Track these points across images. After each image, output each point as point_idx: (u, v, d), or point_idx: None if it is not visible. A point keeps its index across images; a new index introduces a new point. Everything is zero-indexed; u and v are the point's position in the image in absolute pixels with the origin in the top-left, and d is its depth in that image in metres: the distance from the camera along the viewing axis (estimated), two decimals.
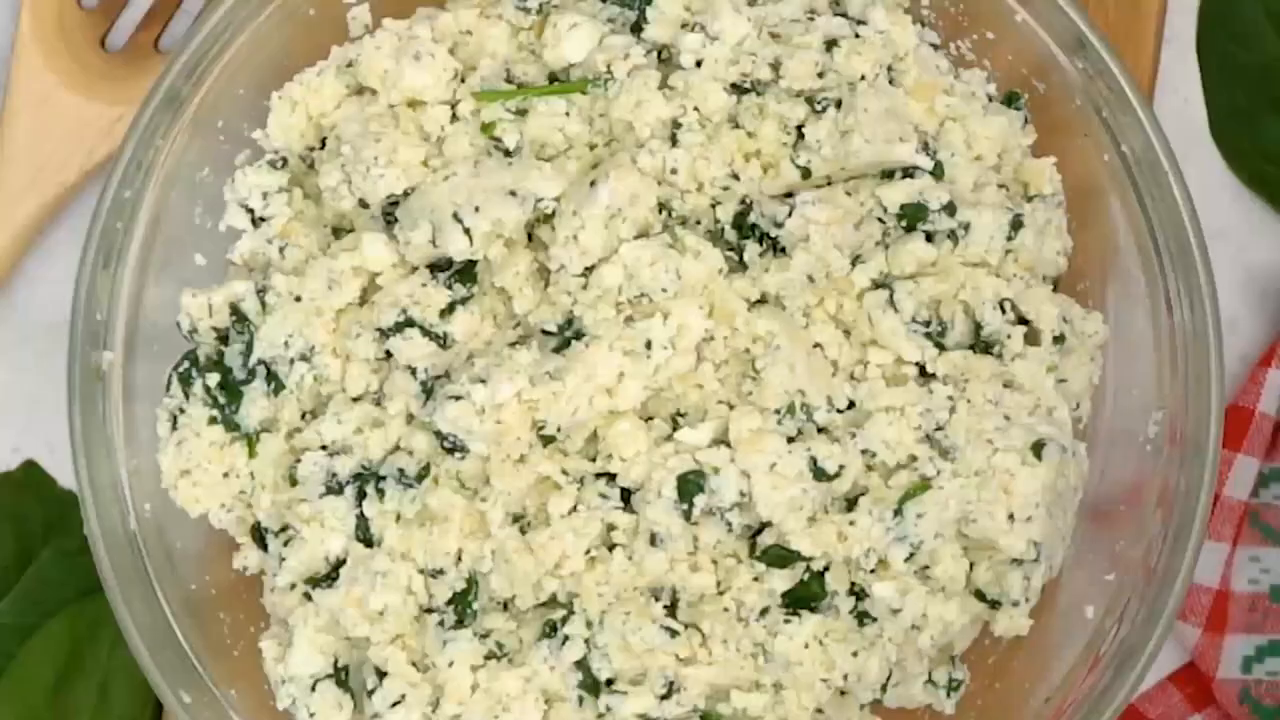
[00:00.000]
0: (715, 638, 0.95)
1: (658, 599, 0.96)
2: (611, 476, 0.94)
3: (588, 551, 0.95)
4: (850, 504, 0.96)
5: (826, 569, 0.96)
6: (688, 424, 0.94)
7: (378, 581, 0.95)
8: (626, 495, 0.94)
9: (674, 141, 0.95)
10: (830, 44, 0.96)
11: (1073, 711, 0.94)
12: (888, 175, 0.95)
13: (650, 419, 0.95)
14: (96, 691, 1.05)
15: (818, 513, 0.95)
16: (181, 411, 0.97)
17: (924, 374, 0.95)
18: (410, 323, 0.95)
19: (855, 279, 0.95)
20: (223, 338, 0.98)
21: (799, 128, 0.96)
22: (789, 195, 0.96)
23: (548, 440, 0.94)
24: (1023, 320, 0.96)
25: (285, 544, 0.97)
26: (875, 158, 0.94)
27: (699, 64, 0.95)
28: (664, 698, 0.95)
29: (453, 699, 0.95)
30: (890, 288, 0.95)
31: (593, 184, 0.94)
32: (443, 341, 0.95)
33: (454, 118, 0.97)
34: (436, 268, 0.96)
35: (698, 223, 0.96)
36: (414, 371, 0.95)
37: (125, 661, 1.03)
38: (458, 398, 0.93)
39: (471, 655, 0.95)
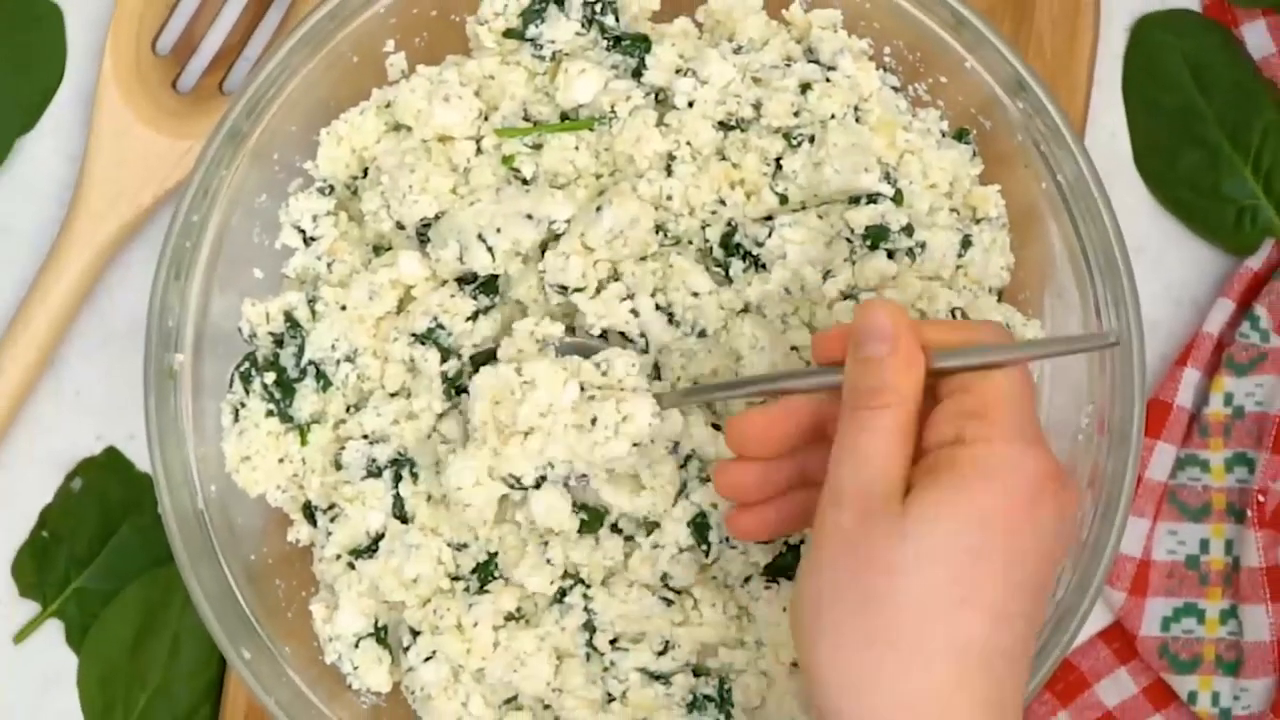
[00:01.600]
0: (704, 603, 0.95)
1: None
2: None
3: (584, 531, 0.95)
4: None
5: (801, 542, 0.95)
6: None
7: (411, 553, 0.95)
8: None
9: (669, 172, 0.96)
10: (804, 87, 0.96)
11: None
12: (854, 201, 0.95)
13: None
14: (169, 648, 1.04)
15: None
16: (242, 405, 0.97)
17: None
18: (441, 327, 0.95)
19: (826, 290, 0.94)
20: (278, 341, 0.98)
21: (777, 160, 0.96)
22: (769, 218, 0.96)
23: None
24: None
25: (332, 520, 0.97)
26: (844, 186, 0.94)
27: (691, 104, 0.95)
28: (660, 654, 0.95)
29: (477, 655, 0.95)
30: (856, 298, 0.94)
31: (598, 209, 0.94)
32: (459, 355, 0.96)
33: (479, 151, 0.97)
34: (463, 281, 0.96)
35: (689, 242, 0.96)
36: (444, 375, 0.96)
37: (193, 622, 1.03)
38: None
39: (493, 617, 0.95)
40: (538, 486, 0.90)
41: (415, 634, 0.95)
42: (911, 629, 0.75)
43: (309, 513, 0.98)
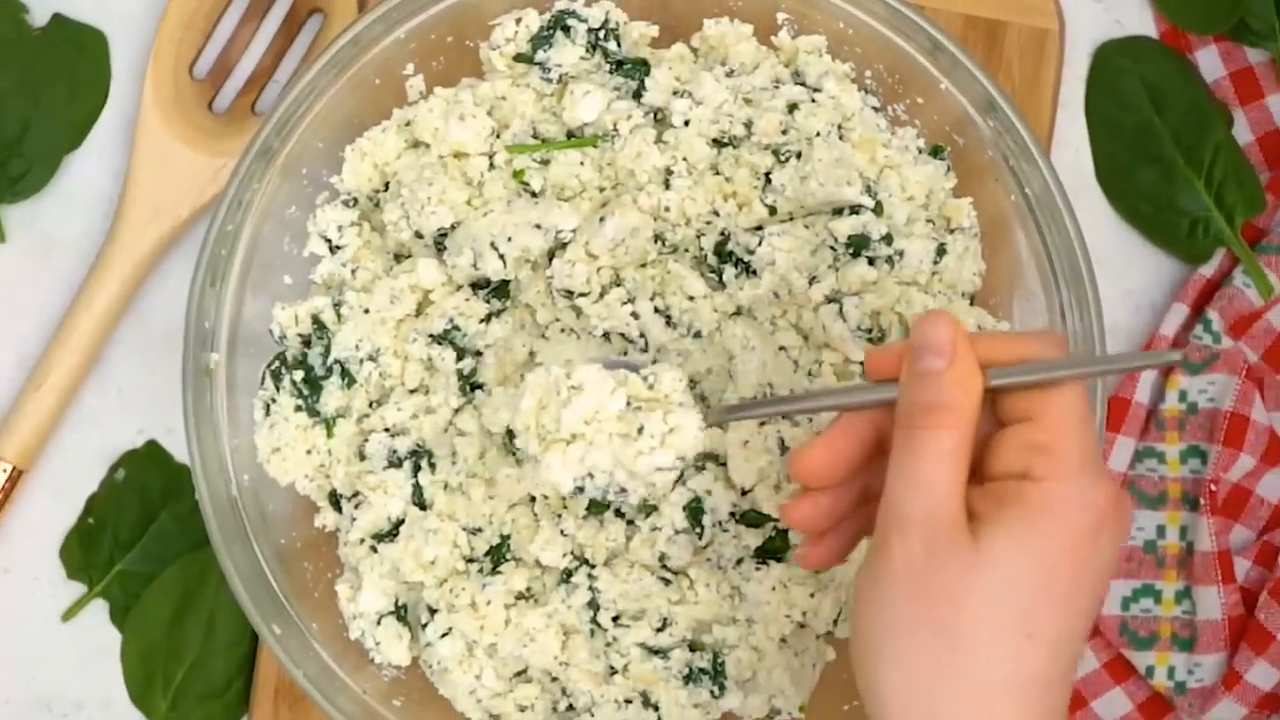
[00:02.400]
0: (700, 583, 0.95)
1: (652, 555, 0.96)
2: None
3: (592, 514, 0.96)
4: None
5: (788, 528, 0.95)
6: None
7: (429, 537, 0.95)
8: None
9: (667, 185, 0.96)
10: (792, 107, 0.96)
11: None
12: (838, 212, 0.95)
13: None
14: (205, 626, 1.04)
15: (781, 481, 0.95)
16: (273, 401, 0.97)
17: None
18: (457, 328, 0.95)
19: (812, 295, 0.95)
20: (306, 342, 0.98)
21: (767, 174, 0.96)
22: (759, 228, 0.96)
23: None
24: None
25: (356, 507, 0.97)
26: (828, 198, 0.95)
27: (687, 123, 0.96)
28: (659, 630, 0.95)
29: (490, 631, 0.95)
30: (840, 302, 0.94)
31: (601, 219, 0.94)
32: (477, 354, 0.96)
33: (491, 166, 0.97)
34: (477, 286, 0.97)
35: (686, 250, 0.97)
36: (460, 373, 0.96)
37: (228, 601, 1.03)
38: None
39: (504, 596, 0.95)
40: (576, 495, 0.86)
41: (433, 612, 0.96)
42: (976, 662, 0.72)
43: (334, 500, 0.99)
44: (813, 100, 0.96)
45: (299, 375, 0.98)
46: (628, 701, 0.96)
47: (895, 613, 0.73)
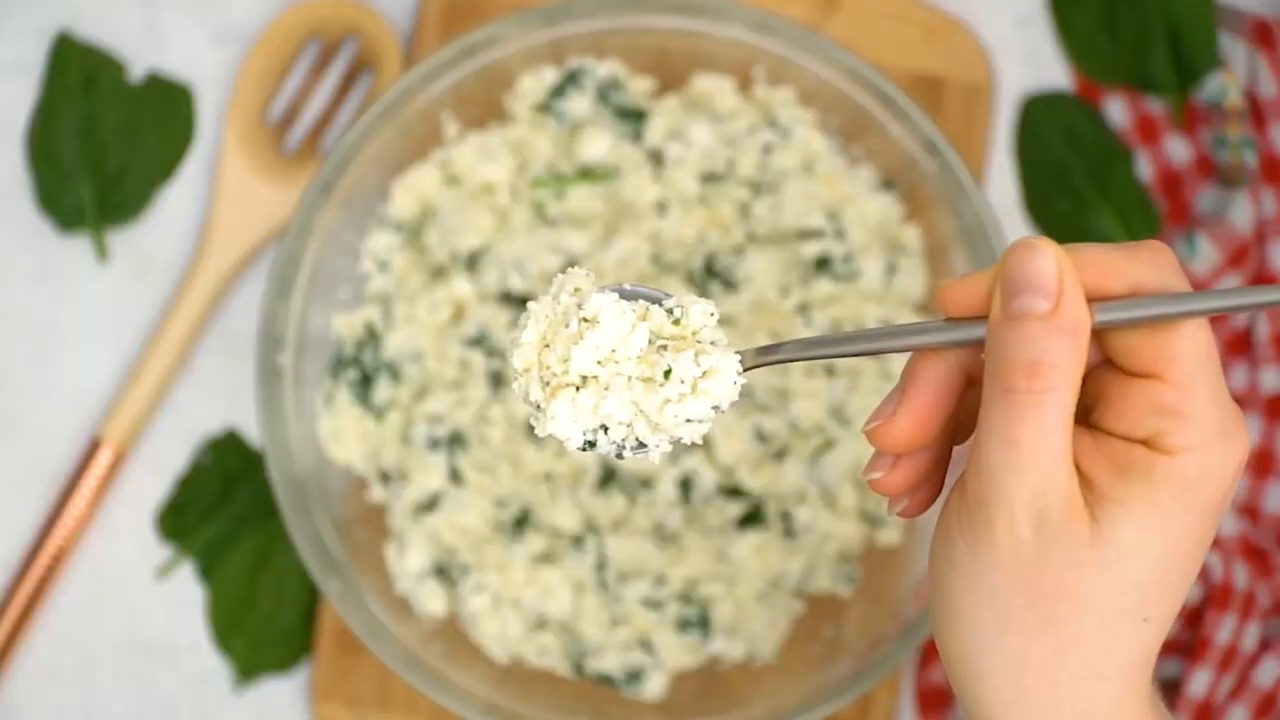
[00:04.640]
0: (690, 546, 0.96)
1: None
2: None
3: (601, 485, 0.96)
4: (781, 456, 0.97)
5: (766, 500, 0.97)
6: None
7: (463, 509, 0.96)
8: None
9: (662, 214, 0.97)
10: (767, 148, 0.97)
11: (925, 596, 0.92)
12: (805, 237, 0.96)
13: None
14: (276, 582, 1.05)
15: (759, 462, 0.96)
16: (332, 394, 0.98)
17: (829, 369, 0.97)
18: (487, 334, 0.96)
19: (784, 306, 0.96)
20: (360, 345, 0.98)
21: (746, 205, 0.97)
22: (740, 250, 0.97)
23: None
24: None
25: (402, 483, 0.98)
26: (797, 225, 0.96)
27: (679, 162, 0.96)
28: (656, 586, 0.96)
29: (514, 588, 0.96)
30: (807, 312, 0.96)
31: (608, 242, 0.95)
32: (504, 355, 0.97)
33: (515, 198, 0.98)
34: (504, 298, 0.97)
35: (678, 269, 0.97)
36: (489, 371, 0.97)
37: (295, 562, 1.04)
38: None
39: (527, 558, 0.96)
40: (586, 450, 0.63)
41: (466, 571, 0.96)
42: (1085, 653, 0.56)
43: (384, 477, 0.99)
44: (784, 143, 0.97)
45: (354, 373, 0.98)
46: (629, 647, 0.96)
47: (998, 601, 0.56)
